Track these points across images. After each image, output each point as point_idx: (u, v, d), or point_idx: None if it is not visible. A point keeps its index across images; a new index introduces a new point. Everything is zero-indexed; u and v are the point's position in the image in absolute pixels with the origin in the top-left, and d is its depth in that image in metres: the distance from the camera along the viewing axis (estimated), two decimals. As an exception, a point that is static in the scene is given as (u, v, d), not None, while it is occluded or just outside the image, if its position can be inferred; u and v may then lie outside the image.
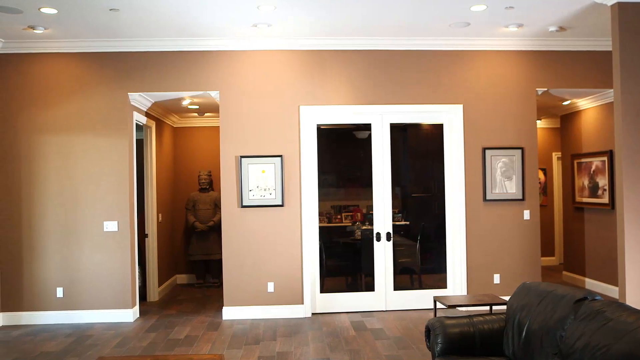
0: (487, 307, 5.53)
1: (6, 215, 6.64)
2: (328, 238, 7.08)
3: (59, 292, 6.64)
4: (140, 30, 6.26)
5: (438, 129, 7.07)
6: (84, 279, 6.65)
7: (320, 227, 6.92)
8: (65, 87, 6.68)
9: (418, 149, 7.51)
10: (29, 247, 6.65)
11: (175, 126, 9.50)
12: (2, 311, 6.61)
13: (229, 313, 6.72)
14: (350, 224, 7.26)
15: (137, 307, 6.90)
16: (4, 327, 6.50)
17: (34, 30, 6.11)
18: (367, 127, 7.00)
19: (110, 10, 5.56)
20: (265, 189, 6.72)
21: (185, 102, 7.82)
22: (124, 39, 6.53)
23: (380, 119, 6.95)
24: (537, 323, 3.46)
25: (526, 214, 6.97)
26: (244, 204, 6.72)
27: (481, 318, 3.93)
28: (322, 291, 6.91)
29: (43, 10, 5.50)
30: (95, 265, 6.65)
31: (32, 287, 6.64)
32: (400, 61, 6.87)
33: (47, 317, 6.62)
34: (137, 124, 7.13)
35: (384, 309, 6.93)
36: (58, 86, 6.68)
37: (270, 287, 6.74)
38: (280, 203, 6.73)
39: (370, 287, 6.98)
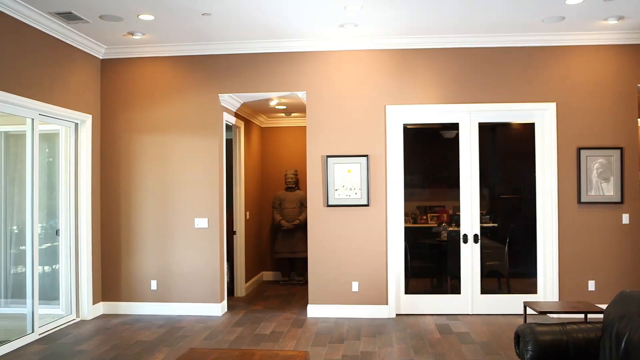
0: (581, 315, 5.28)
1: (106, 211, 7.04)
2: (413, 239, 7.00)
3: (153, 284, 6.97)
4: (230, 33, 6.45)
5: (529, 128, 6.82)
6: (176, 273, 6.94)
7: (405, 228, 6.86)
8: (161, 89, 7.00)
9: (507, 148, 7.27)
10: (127, 242, 7.02)
11: (263, 126, 9.71)
12: (103, 300, 7.03)
13: (314, 311, 6.79)
14: (436, 225, 7.14)
15: (225, 302, 7.12)
16: (104, 315, 6.91)
17: (133, 36, 6.45)
18: (454, 126, 6.86)
19: (203, 14, 5.77)
20: (350, 189, 6.74)
21: (272, 103, 7.98)
22: (215, 42, 6.76)
23: (469, 118, 6.79)
24: (638, 334, 3.27)
25: (625, 218, 6.59)
26: (329, 203, 6.77)
27: (575, 326, 3.75)
28: (406, 292, 6.84)
29: (141, 17, 5.79)
30: (187, 260, 6.92)
31: (129, 280, 7.01)
32: (490, 58, 6.69)
33: (142, 307, 6.97)
34: (226, 124, 7.36)
35: (470, 313, 6.77)
36: (154, 88, 7.01)
37: (355, 286, 6.75)
38: (365, 203, 6.72)
39: (456, 289, 6.85)
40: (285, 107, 8.46)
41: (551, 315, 5.85)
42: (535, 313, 5.19)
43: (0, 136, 6.43)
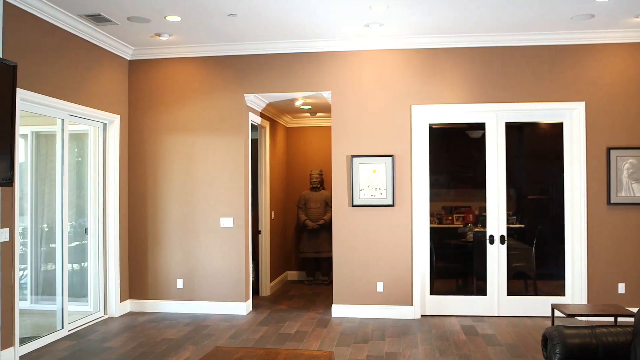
0: (611, 319, 5.19)
1: (134, 210, 7.14)
2: (438, 239, 6.95)
3: (179, 283, 7.04)
4: (256, 34, 6.48)
5: (557, 127, 6.72)
6: (201, 272, 7.00)
7: (430, 228, 6.82)
8: (187, 89, 7.07)
9: (535, 148, 7.17)
10: (153, 241, 7.11)
11: (288, 126, 9.74)
12: (130, 298, 7.12)
13: (338, 311, 6.79)
14: (461, 226, 7.08)
15: (250, 301, 7.16)
16: (131, 312, 7.00)
17: (160, 37, 6.52)
18: (480, 126, 6.80)
19: (229, 15, 5.81)
20: (375, 189, 6.72)
21: (298, 103, 8.00)
22: (240, 42, 6.80)
23: (495, 118, 6.72)
24: (669, 338, 3.20)
25: (656, 220, 6.46)
26: (354, 203, 6.76)
27: (605, 330, 3.69)
28: (431, 293, 6.80)
29: (168, 18, 5.85)
30: (212, 260, 6.98)
31: (156, 278, 7.10)
32: (517, 57, 6.61)
33: (168, 305, 7.04)
34: (252, 124, 7.40)
35: (496, 314, 6.70)
36: (181, 89, 7.08)
37: (380, 286, 6.73)
38: (390, 203, 6.70)
39: (482, 291, 6.78)
40: (310, 107, 8.47)
41: (580, 318, 5.76)
42: (563, 316, 5.12)
43: (32, 136, 6.56)
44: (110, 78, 6.76)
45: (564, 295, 6.65)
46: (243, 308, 6.94)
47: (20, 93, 5.03)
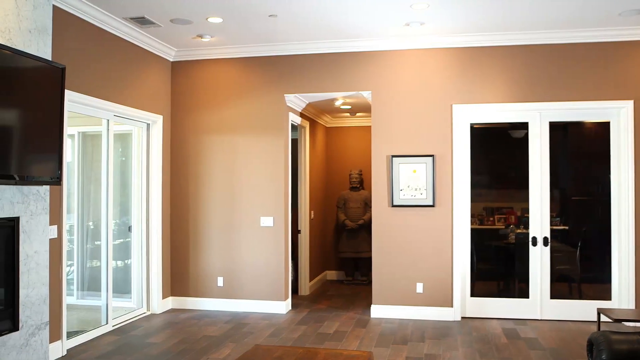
0: (660, 324, 5.03)
1: (175, 209, 7.26)
2: (479, 240, 6.85)
3: (220, 281, 7.13)
4: (295, 34, 6.51)
5: (603, 127, 6.54)
6: (241, 270, 7.08)
7: (471, 229, 6.73)
8: (228, 90, 7.15)
9: (579, 148, 7.00)
10: (195, 239, 7.22)
11: (327, 126, 9.76)
12: (172, 295, 7.25)
13: (377, 311, 6.77)
14: (503, 227, 6.96)
15: (289, 300, 7.20)
16: (173, 309, 7.13)
17: (202, 39, 6.62)
18: (523, 125, 6.67)
19: (270, 16, 5.85)
20: (416, 189, 6.67)
21: (337, 103, 8.00)
22: (281, 43, 6.84)
23: (539, 117, 6.59)
24: None
25: None
26: (394, 203, 6.72)
27: (653, 336, 3.58)
28: (472, 295, 6.71)
29: (210, 19, 5.93)
30: (252, 258, 7.04)
31: (197, 276, 7.20)
32: (561, 55, 6.46)
33: (209, 303, 7.14)
34: (292, 124, 7.44)
35: (539, 318, 6.57)
36: (222, 90, 7.17)
37: (419, 287, 6.68)
38: (431, 203, 6.64)
39: (524, 293, 6.65)
40: (350, 106, 8.46)
41: (627, 324, 5.60)
42: (610, 321, 4.98)
43: (78, 136, 6.74)
44: (153, 79, 6.89)
45: (610, 299, 6.47)
46: (282, 307, 6.99)
47: (68, 94, 5.18)
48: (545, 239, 6.57)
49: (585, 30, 6.28)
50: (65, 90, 4.68)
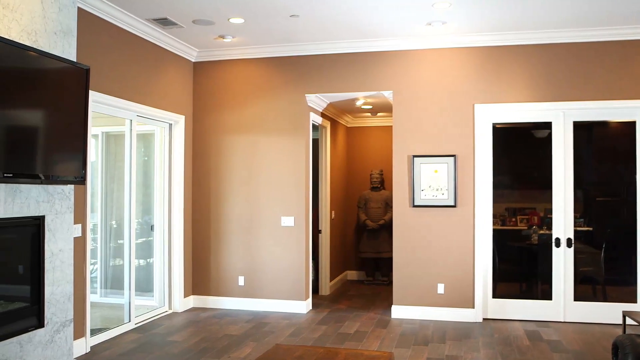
0: (687, 327, 4.94)
1: (197, 209, 7.32)
2: (501, 241, 6.79)
3: (241, 280, 7.16)
4: (316, 34, 6.52)
5: (629, 126, 6.44)
6: (262, 270, 7.11)
7: (493, 230, 6.67)
8: (249, 90, 7.18)
9: (604, 148, 6.89)
10: (216, 239, 7.26)
11: (348, 126, 9.75)
12: (193, 294, 7.31)
13: (398, 311, 6.75)
14: (525, 228, 6.89)
15: (310, 300, 7.21)
16: (194, 308, 7.18)
17: (223, 39, 6.66)
18: (547, 125, 6.59)
19: (291, 16, 5.87)
20: (437, 189, 6.63)
21: (358, 102, 7.99)
22: (302, 43, 6.85)
23: (562, 117, 6.51)
24: None
25: None
26: (415, 203, 6.70)
27: (680, 339, 3.52)
28: (494, 296, 6.65)
29: (232, 20, 5.97)
30: (273, 258, 7.06)
31: (218, 275, 7.25)
32: (585, 54, 6.37)
33: (230, 302, 7.18)
34: (313, 124, 7.45)
35: (562, 320, 6.49)
36: (243, 90, 7.20)
37: (440, 288, 6.64)
38: (452, 204, 6.60)
39: (547, 295, 6.57)
40: (371, 106, 8.45)
41: (652, 326, 5.51)
42: (635, 324, 4.90)
43: (102, 136, 6.83)
44: (175, 79, 6.95)
45: (635, 302, 6.37)
46: (303, 307, 7.00)
47: (92, 95, 5.25)
48: (568, 240, 6.49)
49: (610, 29, 6.19)
50: (90, 91, 4.74)
